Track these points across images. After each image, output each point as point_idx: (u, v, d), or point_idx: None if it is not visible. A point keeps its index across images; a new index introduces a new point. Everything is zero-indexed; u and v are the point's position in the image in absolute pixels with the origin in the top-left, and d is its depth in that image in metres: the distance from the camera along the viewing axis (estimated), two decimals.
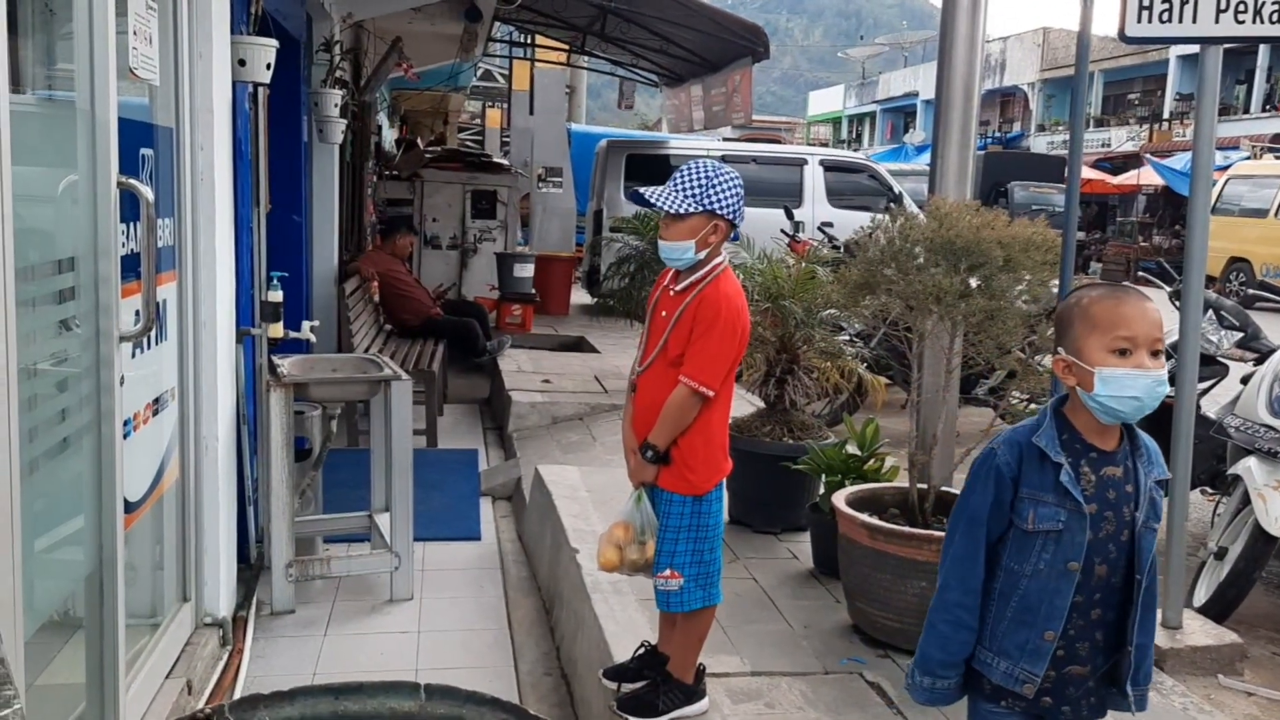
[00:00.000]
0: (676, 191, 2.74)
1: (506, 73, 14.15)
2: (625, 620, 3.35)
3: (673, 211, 2.74)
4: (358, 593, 4.16)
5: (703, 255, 2.77)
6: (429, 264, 9.96)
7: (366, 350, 6.29)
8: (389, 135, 14.46)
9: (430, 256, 10.05)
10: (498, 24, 10.33)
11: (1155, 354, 1.89)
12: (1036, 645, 1.95)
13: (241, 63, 3.73)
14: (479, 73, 15.54)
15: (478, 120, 22.53)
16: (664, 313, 2.83)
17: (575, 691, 3.49)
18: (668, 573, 2.81)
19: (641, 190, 2.80)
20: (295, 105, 5.95)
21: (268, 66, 3.84)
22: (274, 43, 3.89)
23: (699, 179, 2.74)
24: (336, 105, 6.29)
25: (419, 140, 14.44)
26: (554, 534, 4.29)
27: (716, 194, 2.74)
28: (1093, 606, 1.95)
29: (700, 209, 2.72)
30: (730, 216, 2.77)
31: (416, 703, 1.61)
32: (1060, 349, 1.96)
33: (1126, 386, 1.86)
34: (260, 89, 4.03)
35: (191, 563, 3.39)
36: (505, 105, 15.82)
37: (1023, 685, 1.96)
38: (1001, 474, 1.97)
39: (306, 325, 4.31)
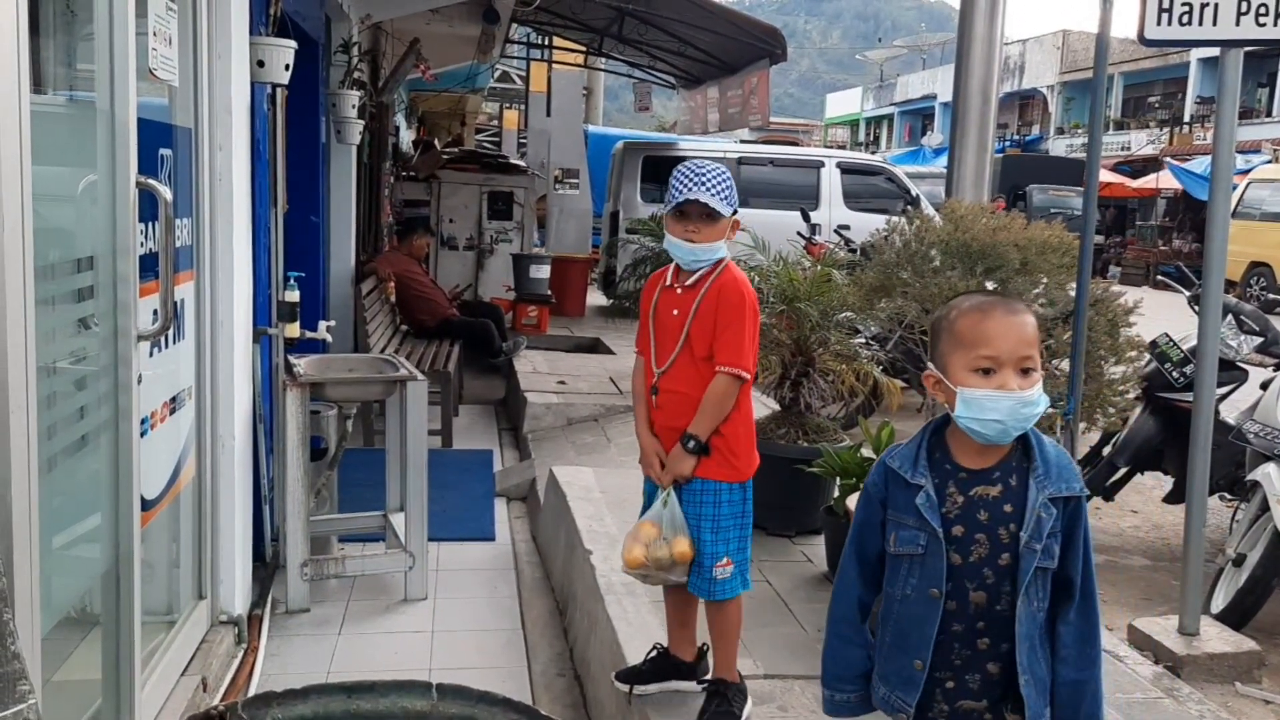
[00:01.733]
0: (715, 194, 2.69)
1: (524, 74, 14.18)
2: (638, 622, 3.35)
3: (724, 215, 2.71)
4: (372, 592, 4.17)
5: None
6: (445, 265, 9.99)
7: (382, 350, 6.32)
8: (406, 136, 14.52)
9: (447, 257, 10.08)
10: (515, 26, 10.35)
11: (1025, 372, 1.76)
12: (909, 674, 1.85)
13: (260, 64, 3.75)
14: (496, 74, 15.57)
15: (495, 122, 22.59)
16: (674, 311, 2.80)
17: (588, 692, 3.49)
18: (724, 561, 2.80)
19: (696, 197, 2.67)
20: (313, 106, 5.99)
21: (286, 67, 3.86)
22: (292, 44, 3.91)
23: (725, 179, 2.71)
24: (354, 106, 6.32)
25: (436, 141, 14.49)
26: (568, 535, 4.29)
27: (735, 194, 2.77)
28: (978, 635, 1.82)
29: (731, 210, 2.74)
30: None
31: (429, 702, 1.61)
32: (930, 363, 1.87)
33: (987, 408, 1.74)
34: (279, 90, 4.05)
35: (207, 561, 3.41)
36: (522, 107, 15.85)
37: (896, 713, 1.87)
38: (870, 494, 1.91)
39: (323, 325, 4.33)
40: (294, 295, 4.04)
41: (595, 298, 11.71)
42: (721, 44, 9.10)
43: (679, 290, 2.80)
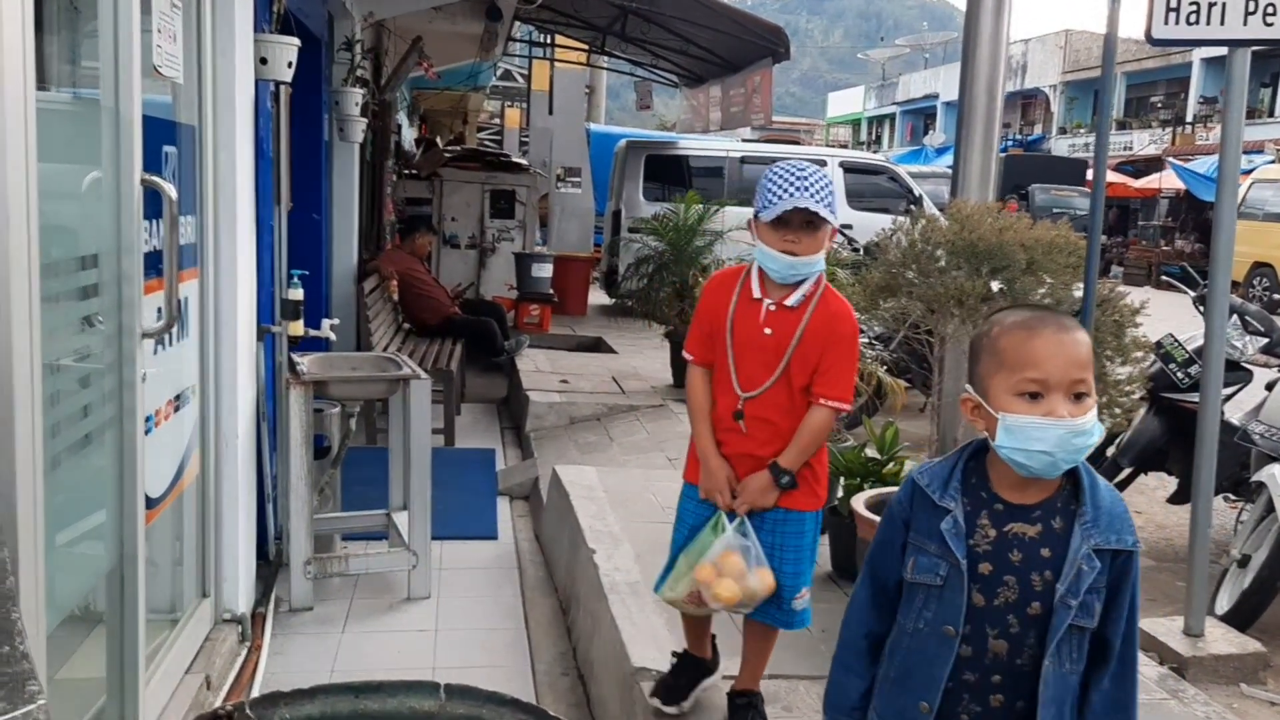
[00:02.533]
0: (820, 200, 2.43)
1: (526, 72, 14.18)
2: (642, 622, 3.34)
3: (827, 223, 2.48)
4: (375, 590, 4.17)
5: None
6: (447, 263, 9.98)
7: (385, 349, 6.31)
8: (409, 134, 14.52)
9: (449, 256, 10.07)
10: (518, 24, 10.34)
11: (1078, 397, 1.56)
12: (913, 716, 1.66)
13: (264, 61, 3.74)
14: (499, 72, 15.57)
15: (497, 120, 22.60)
16: (768, 330, 2.54)
17: (592, 692, 3.49)
18: (803, 592, 2.66)
19: (802, 204, 2.40)
20: (316, 104, 5.98)
21: (290, 65, 3.85)
22: (296, 41, 3.90)
23: (828, 183, 2.46)
24: (357, 104, 6.31)
25: (438, 139, 14.49)
26: (571, 534, 4.29)
27: (835, 199, 2.53)
28: (992, 690, 1.63)
29: (834, 218, 2.50)
30: None
31: (436, 702, 1.60)
32: (969, 385, 1.66)
33: (1033, 438, 1.54)
34: (282, 87, 4.04)
35: (211, 559, 3.41)
36: (524, 105, 15.87)
37: None
38: (893, 513, 1.73)
39: (326, 323, 4.32)
40: (298, 293, 4.03)
41: (597, 297, 11.70)
42: (724, 42, 9.09)
43: (772, 307, 2.54)
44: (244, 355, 3.52)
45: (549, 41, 11.86)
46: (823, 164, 12.34)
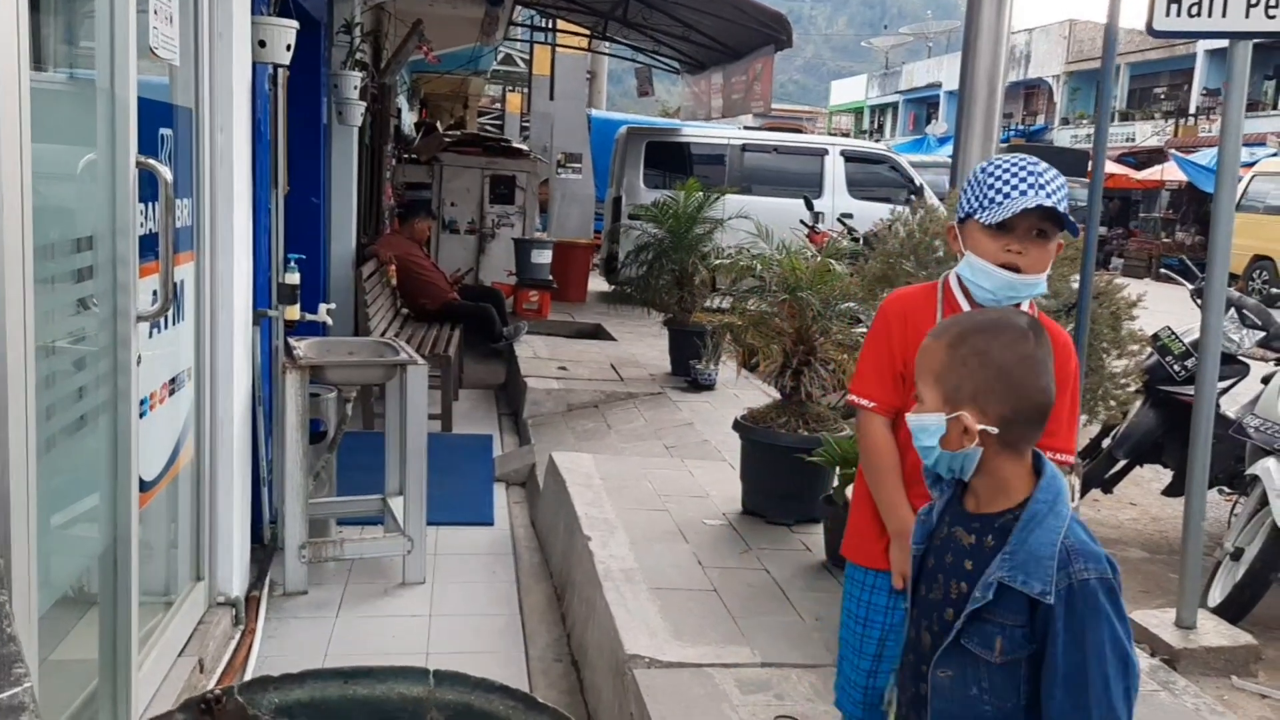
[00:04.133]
0: (1060, 204, 1.98)
1: (527, 57, 14.12)
2: (636, 609, 3.35)
3: (1059, 232, 2.03)
4: (370, 575, 4.18)
5: None
6: (447, 249, 9.97)
7: (383, 334, 6.31)
8: (408, 118, 14.48)
9: (448, 241, 10.06)
10: (519, 7, 10.30)
11: (919, 398, 1.62)
12: (889, 675, 1.80)
13: (262, 44, 3.73)
14: (499, 57, 15.51)
15: (498, 104, 22.53)
16: None
17: (585, 678, 3.50)
18: None
19: (1040, 203, 1.96)
20: (315, 87, 5.96)
21: (288, 48, 3.84)
22: (294, 24, 3.89)
23: (1064, 184, 2.01)
24: (356, 88, 6.30)
25: (438, 124, 14.45)
26: (567, 521, 4.29)
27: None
28: (920, 679, 1.64)
29: (1074, 226, 2.05)
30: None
31: (425, 688, 1.60)
32: None
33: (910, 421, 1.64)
34: (280, 70, 4.03)
35: (205, 542, 3.41)
36: (526, 90, 15.81)
37: (885, 703, 1.83)
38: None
39: (323, 308, 4.32)
40: (294, 277, 4.03)
41: (597, 283, 11.69)
42: (726, 29, 9.04)
43: None
44: (240, 339, 3.52)
45: (550, 26, 11.81)
46: (824, 152, 12.39)
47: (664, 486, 4.69)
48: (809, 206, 9.93)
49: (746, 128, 16.58)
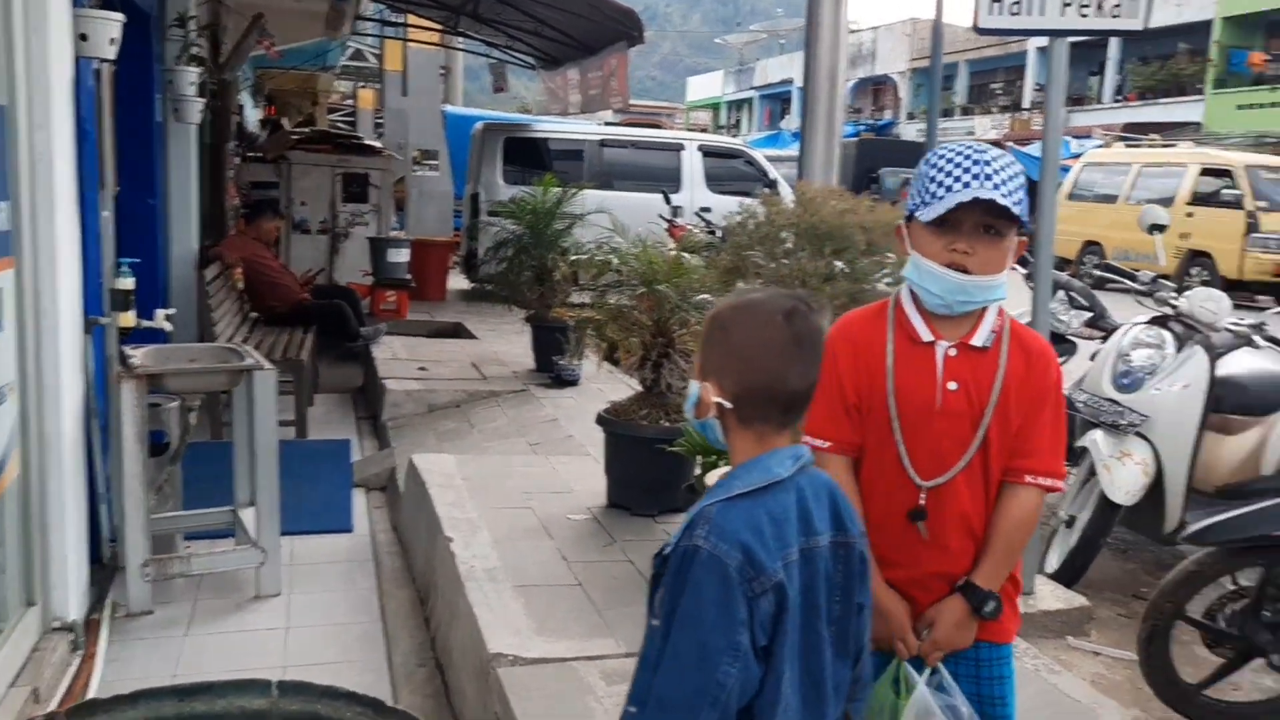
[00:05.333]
0: (1009, 196, 1.77)
1: (378, 52, 13.82)
2: (500, 609, 3.33)
3: (1013, 228, 1.81)
4: (222, 590, 4.02)
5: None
6: (298, 249, 9.66)
7: (230, 339, 6.06)
8: (253, 116, 13.95)
9: (299, 242, 9.75)
10: (368, 1, 10.06)
11: None
12: None
13: (84, 37, 3.53)
14: (349, 52, 15.13)
15: (349, 101, 21.95)
16: (952, 385, 1.83)
17: (450, 681, 3.46)
18: None
19: (985, 195, 1.75)
20: (147, 83, 5.69)
21: (112, 42, 3.65)
22: (119, 17, 3.70)
23: (1019, 174, 1.81)
24: (193, 84, 6.03)
25: (285, 121, 13.98)
26: (429, 523, 4.23)
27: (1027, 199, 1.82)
28: None
29: (1025, 221, 1.83)
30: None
31: (268, 700, 1.56)
32: None
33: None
34: (105, 65, 3.82)
35: (37, 565, 3.22)
36: (378, 86, 15.45)
37: None
38: None
39: (161, 314, 4.13)
40: (127, 282, 3.83)
41: (457, 282, 11.53)
42: (579, 25, 9.05)
43: (953, 352, 1.84)
44: (68, 349, 3.33)
45: (402, 21, 11.58)
46: (681, 147, 12.54)
47: (528, 484, 4.67)
48: (667, 201, 10.03)
49: (606, 123, 16.64)
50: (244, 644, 3.63)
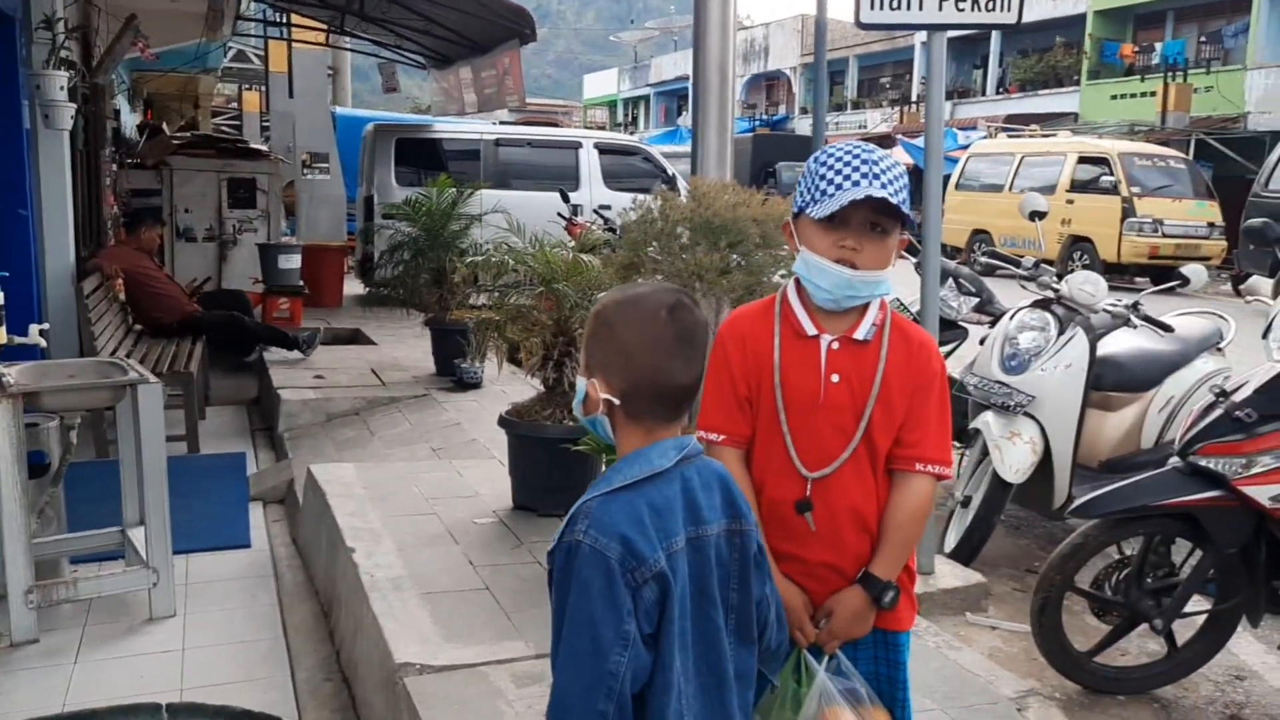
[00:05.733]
0: (896, 195, 1.81)
1: (262, 53, 13.43)
2: (405, 618, 3.27)
3: (898, 226, 1.86)
4: (113, 614, 3.86)
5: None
6: (184, 258, 9.34)
7: (114, 353, 5.83)
8: (130, 121, 13.44)
9: (184, 250, 9.43)
10: (249, 1, 9.77)
11: None
12: None
13: None
14: (231, 53, 14.67)
15: (234, 104, 21.31)
16: (835, 377, 1.87)
17: (358, 695, 3.38)
18: None
19: (873, 194, 1.78)
20: (13, 88, 5.42)
21: None
22: None
23: (902, 173, 1.84)
24: (63, 88, 5.77)
25: (165, 126, 13.49)
26: (330, 534, 4.13)
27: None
28: None
29: (910, 219, 1.87)
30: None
31: None
32: None
33: None
34: None
35: None
36: (263, 88, 15.03)
37: None
38: None
39: (34, 329, 3.94)
40: None
41: (353, 287, 11.30)
42: (469, 23, 8.97)
43: (835, 345, 1.88)
44: None
45: (284, 21, 11.28)
46: (578, 145, 12.51)
47: (432, 490, 4.60)
48: (565, 199, 10.00)
49: (502, 122, 16.51)
50: (138, 669, 3.49)
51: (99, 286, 6.56)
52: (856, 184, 1.78)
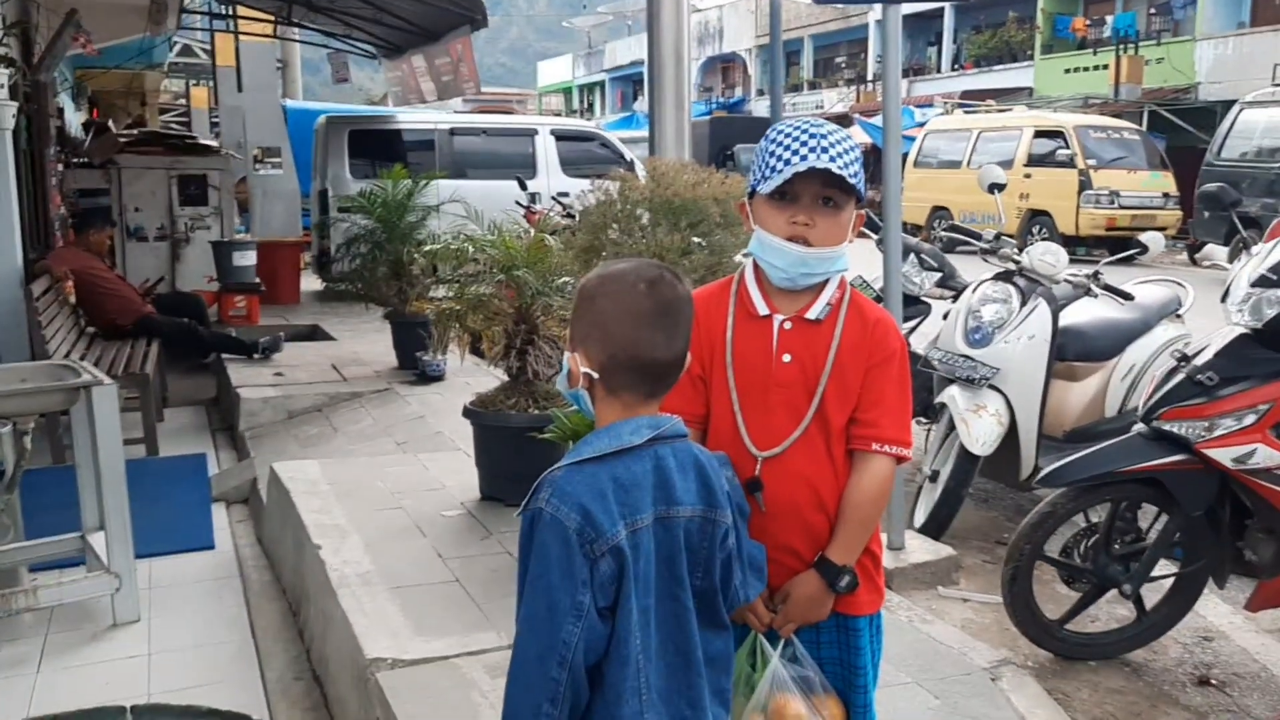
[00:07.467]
0: (846, 168, 1.78)
1: (209, 47, 13.17)
2: (375, 613, 3.23)
3: (851, 200, 1.83)
4: (75, 621, 3.78)
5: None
6: (135, 258, 9.16)
7: (66, 356, 5.69)
8: (75, 119, 13.14)
9: (136, 250, 9.24)
10: None
11: None
12: None
13: None
14: (177, 48, 14.38)
15: (182, 100, 20.91)
16: (787, 357, 1.85)
17: (329, 692, 3.34)
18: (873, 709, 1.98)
19: (819, 165, 1.76)
20: None
21: None
22: None
23: (854, 147, 1.81)
24: (3, 86, 5.61)
25: (111, 123, 13.21)
26: (295, 532, 4.07)
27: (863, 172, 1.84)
28: None
29: (862, 192, 1.84)
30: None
31: None
32: None
33: None
34: None
35: None
36: (211, 83, 14.76)
37: None
38: None
39: None
40: None
41: (310, 282, 11.15)
42: (419, 11, 8.83)
43: (788, 325, 1.86)
44: None
45: (230, 13, 11.05)
46: (534, 132, 12.42)
47: (398, 484, 4.55)
48: (523, 187, 9.92)
49: (457, 112, 16.35)
50: (103, 676, 3.42)
51: (49, 289, 6.41)
52: (804, 158, 1.76)
